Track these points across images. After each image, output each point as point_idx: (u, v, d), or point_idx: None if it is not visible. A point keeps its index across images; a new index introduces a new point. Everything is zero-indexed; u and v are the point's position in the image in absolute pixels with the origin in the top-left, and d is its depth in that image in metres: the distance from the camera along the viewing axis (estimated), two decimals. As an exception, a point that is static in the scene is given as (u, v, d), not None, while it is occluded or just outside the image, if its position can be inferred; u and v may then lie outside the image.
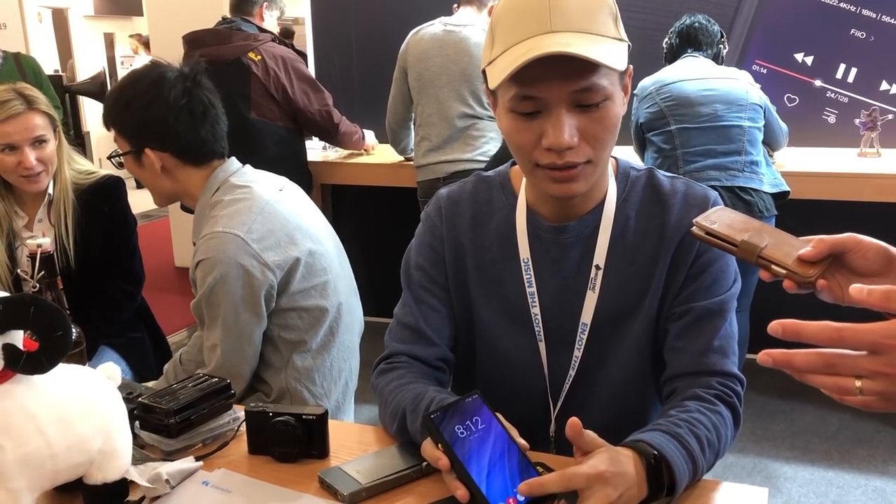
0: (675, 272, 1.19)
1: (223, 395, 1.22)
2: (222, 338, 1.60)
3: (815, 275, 0.89)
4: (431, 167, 3.25)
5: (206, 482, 1.08)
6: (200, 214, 1.67)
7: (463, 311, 1.29)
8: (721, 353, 1.16)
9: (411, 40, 3.26)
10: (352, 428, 1.29)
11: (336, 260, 1.76)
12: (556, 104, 1.04)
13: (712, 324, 1.17)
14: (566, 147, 1.05)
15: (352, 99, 4.25)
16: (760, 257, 0.91)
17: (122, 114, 1.63)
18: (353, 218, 4.32)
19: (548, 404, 1.25)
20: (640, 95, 2.96)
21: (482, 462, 0.94)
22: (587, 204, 1.20)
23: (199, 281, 1.60)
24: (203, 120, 1.65)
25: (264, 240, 1.59)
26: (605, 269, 1.19)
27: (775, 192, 2.76)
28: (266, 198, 1.65)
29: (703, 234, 0.96)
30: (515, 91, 1.06)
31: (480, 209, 1.27)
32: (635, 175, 1.24)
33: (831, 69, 3.46)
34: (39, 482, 0.95)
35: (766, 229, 0.95)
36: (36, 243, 1.15)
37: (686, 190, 1.21)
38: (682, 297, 1.19)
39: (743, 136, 2.75)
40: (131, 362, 2.23)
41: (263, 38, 3.31)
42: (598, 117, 1.06)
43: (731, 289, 1.20)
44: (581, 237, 1.20)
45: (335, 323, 1.72)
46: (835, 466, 2.81)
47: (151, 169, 1.65)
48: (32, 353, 0.91)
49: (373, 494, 1.04)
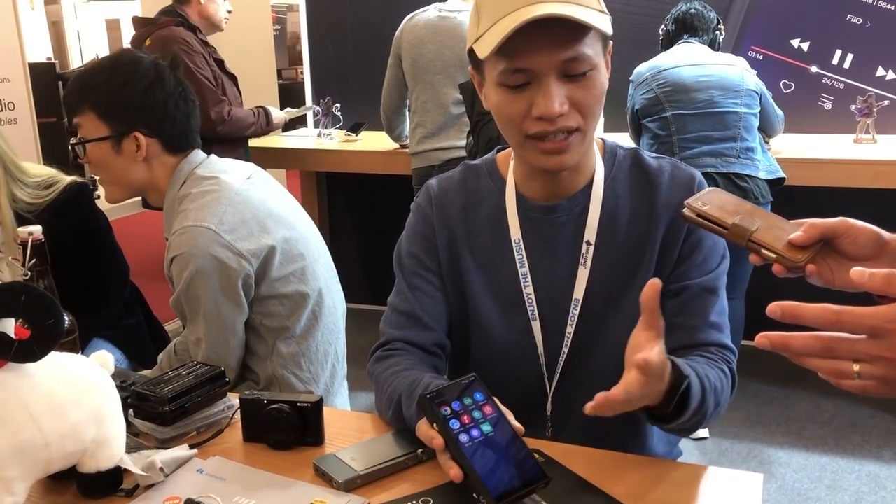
0: (667, 250, 1.20)
1: (217, 383, 1.22)
2: (205, 331, 1.59)
3: (805, 259, 0.89)
4: (426, 154, 3.24)
5: (201, 470, 1.08)
6: (169, 209, 1.65)
7: (457, 298, 1.29)
8: (718, 328, 1.20)
9: (405, 27, 3.24)
10: (348, 415, 1.29)
11: (313, 244, 1.75)
12: (545, 74, 1.07)
13: (707, 300, 1.20)
14: (556, 115, 1.07)
15: (347, 86, 4.23)
16: (751, 241, 0.91)
17: (117, 93, 1.59)
18: (348, 206, 4.31)
19: (544, 384, 1.25)
20: (635, 81, 2.95)
21: (477, 443, 0.95)
22: (576, 182, 1.21)
23: (175, 277, 1.58)
24: (193, 109, 1.66)
25: (237, 230, 1.57)
26: (596, 245, 1.21)
27: (771, 178, 2.76)
28: (235, 187, 1.63)
29: (693, 216, 0.96)
30: (504, 65, 1.08)
31: (469, 197, 1.28)
32: (622, 154, 1.26)
33: (827, 55, 3.45)
34: (33, 471, 0.94)
35: (757, 212, 0.94)
36: (27, 231, 1.14)
37: (672, 170, 1.23)
38: (675, 275, 1.20)
39: (739, 123, 2.74)
40: (127, 351, 2.21)
41: (164, 21, 3.33)
42: (586, 85, 1.09)
43: (722, 264, 1.23)
44: (572, 215, 1.21)
45: (317, 307, 1.71)
46: (829, 452, 2.82)
47: (130, 156, 1.61)
48: (24, 341, 0.91)
49: (368, 481, 1.04)
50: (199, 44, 3.33)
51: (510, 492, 0.91)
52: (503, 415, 0.99)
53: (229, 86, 3.46)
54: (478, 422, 0.97)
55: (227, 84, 3.46)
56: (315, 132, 3.98)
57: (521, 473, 0.94)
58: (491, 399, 1.00)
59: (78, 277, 1.97)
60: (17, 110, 3.56)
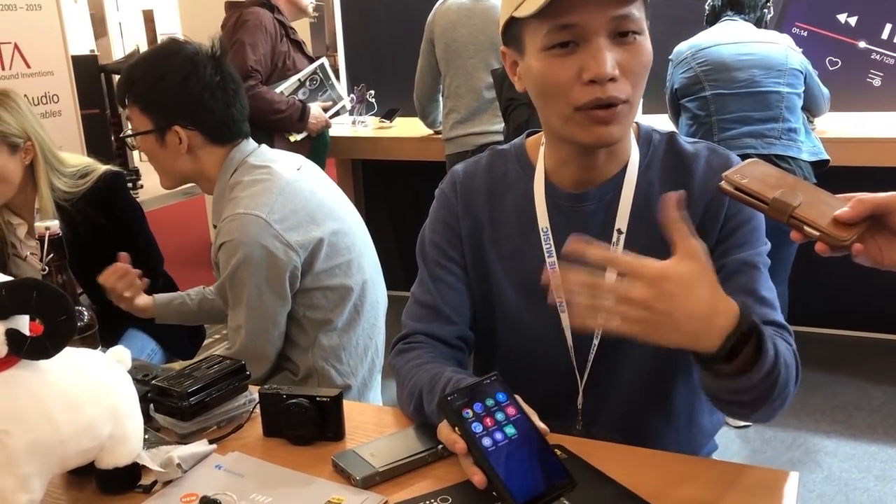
0: (704, 238, 1.13)
1: (238, 377, 1.20)
2: (246, 319, 1.59)
3: (851, 238, 0.83)
4: (460, 140, 3.20)
5: (219, 466, 1.07)
6: (220, 196, 1.65)
7: (481, 288, 1.25)
8: (769, 305, 1.11)
9: (438, 11, 3.21)
10: (369, 409, 1.27)
11: (359, 237, 1.74)
12: (595, 33, 1.01)
13: (750, 274, 1.12)
14: (609, 77, 1.01)
15: (380, 72, 4.21)
16: (792, 217, 0.85)
17: (152, 88, 1.59)
18: (383, 193, 4.30)
19: (574, 377, 1.21)
20: (675, 60, 2.87)
21: (501, 447, 0.91)
22: (610, 169, 1.16)
23: (222, 263, 1.58)
24: (235, 98, 1.63)
25: (286, 220, 1.56)
26: (628, 233, 1.15)
27: (814, 160, 2.67)
28: (286, 177, 1.62)
29: (732, 189, 0.90)
30: (550, 25, 1.02)
31: (496, 183, 1.24)
32: (658, 139, 1.20)
33: (876, 29, 3.32)
34: (49, 468, 0.94)
35: (800, 186, 0.89)
36: (44, 225, 1.14)
37: (709, 154, 1.17)
38: (713, 258, 1.13)
39: (781, 103, 2.65)
40: (161, 342, 2.23)
41: (248, 3, 3.29)
42: (635, 50, 1.03)
43: (763, 247, 1.15)
44: (602, 203, 1.16)
45: (360, 301, 1.70)
46: (878, 441, 2.73)
47: (174, 149, 1.63)
48: (37, 338, 0.90)
49: (387, 478, 1.02)
50: (273, 23, 3.28)
51: (536, 498, 0.88)
52: (526, 415, 0.95)
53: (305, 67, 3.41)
54: (501, 424, 0.93)
55: (303, 66, 3.41)
56: (350, 120, 3.96)
57: (546, 478, 0.90)
58: (514, 399, 0.96)
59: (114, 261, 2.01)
60: (60, 102, 3.62)
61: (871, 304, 3.49)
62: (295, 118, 3.30)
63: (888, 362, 3.31)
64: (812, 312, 3.56)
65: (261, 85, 3.22)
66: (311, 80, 3.45)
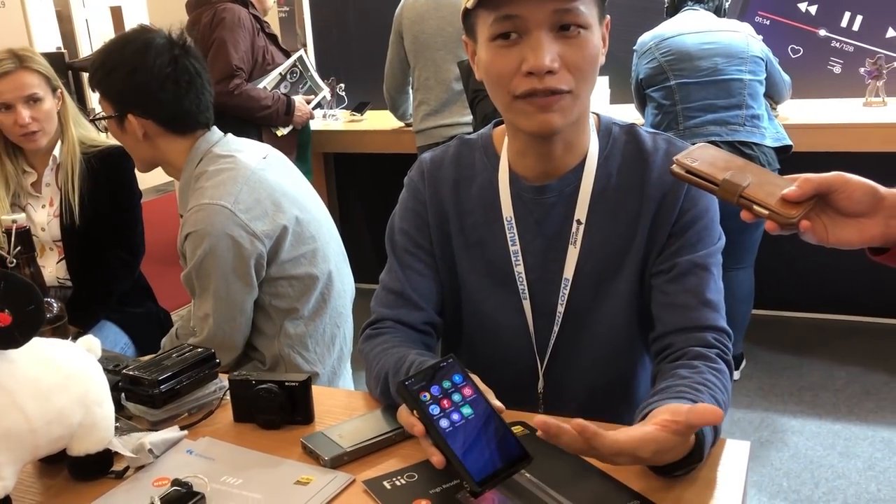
0: (658, 229, 1.17)
1: (207, 365, 1.22)
2: (214, 308, 1.61)
3: (798, 216, 0.86)
4: (430, 132, 3.22)
5: (191, 451, 1.09)
6: (185, 186, 1.66)
7: (448, 275, 1.28)
8: (713, 307, 1.15)
9: (406, 3, 3.22)
10: (338, 393, 1.29)
11: (324, 227, 1.76)
12: (536, 26, 1.04)
13: (699, 277, 1.16)
14: (546, 70, 1.03)
15: (350, 66, 4.22)
16: (742, 196, 0.88)
17: (105, 78, 1.62)
18: (355, 186, 4.31)
19: (535, 363, 1.25)
20: (639, 51, 2.91)
21: (458, 427, 0.94)
22: (568, 161, 1.19)
23: (188, 253, 1.59)
24: (188, 89, 1.63)
25: (252, 210, 1.58)
26: (587, 224, 1.18)
27: (777, 146, 2.72)
28: (251, 166, 1.64)
29: (683, 172, 0.92)
30: (494, 16, 1.05)
31: (462, 172, 1.26)
32: (617, 131, 1.22)
33: (836, 18, 3.38)
34: (20, 456, 0.95)
35: (749, 168, 0.92)
36: (11, 219, 1.15)
37: (668, 147, 1.19)
38: (666, 255, 1.17)
39: (744, 90, 2.70)
40: (133, 337, 2.24)
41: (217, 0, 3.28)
42: (578, 45, 1.05)
43: (716, 245, 1.19)
44: (563, 195, 1.19)
45: (326, 290, 1.72)
46: (842, 419, 2.80)
47: (133, 135, 1.65)
48: (5, 328, 0.91)
49: (354, 458, 1.05)
50: (249, 18, 3.28)
51: (493, 475, 0.90)
52: (483, 395, 0.98)
53: (281, 61, 3.42)
54: (457, 405, 0.95)
55: (280, 59, 3.42)
56: (320, 113, 3.96)
57: (503, 454, 0.92)
58: (470, 380, 0.98)
59: (100, 233, 2.17)
60: (27, 100, 3.58)
61: (836, 287, 3.56)
62: (282, 112, 3.33)
63: (851, 344, 3.39)
64: (778, 296, 3.63)
65: (245, 83, 3.24)
66: (291, 73, 3.47)
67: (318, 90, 3.58)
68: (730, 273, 2.92)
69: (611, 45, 1.15)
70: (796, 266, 3.51)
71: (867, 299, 3.52)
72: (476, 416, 0.95)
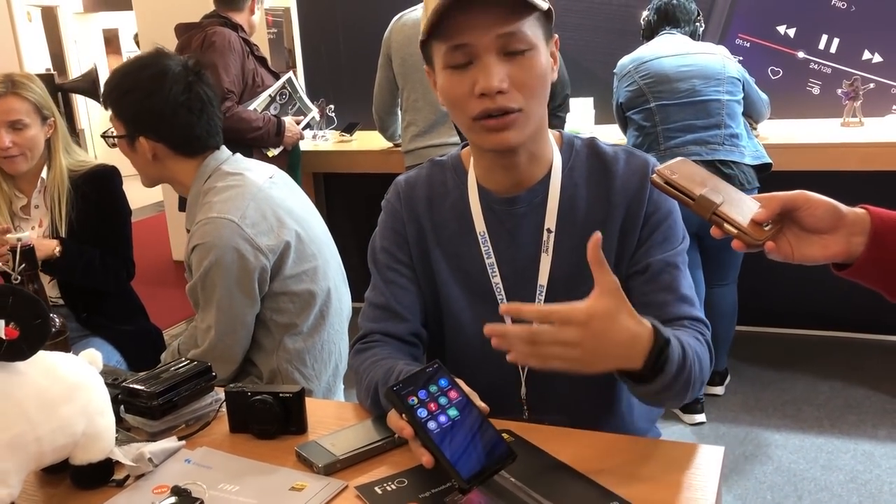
0: (627, 236, 1.25)
1: (204, 378, 1.26)
2: (216, 319, 1.65)
3: (766, 238, 0.93)
4: (419, 152, 3.27)
5: (189, 460, 1.13)
6: (194, 201, 1.72)
7: (429, 289, 1.34)
8: (688, 302, 1.23)
9: (394, 26, 3.28)
10: (330, 405, 1.34)
11: (326, 246, 1.81)
12: (485, 52, 1.11)
13: (672, 274, 1.23)
14: (496, 91, 1.11)
15: (339, 87, 4.28)
16: (715, 213, 0.94)
17: (120, 100, 1.68)
18: (346, 206, 4.36)
19: (517, 369, 1.30)
20: (619, 74, 2.98)
21: (445, 428, 0.99)
22: (534, 173, 1.26)
23: (194, 265, 1.64)
24: (200, 116, 1.69)
25: (258, 225, 1.63)
26: (557, 232, 1.25)
27: (757, 164, 2.79)
28: (258, 184, 1.70)
29: (662, 182, 0.98)
30: (445, 46, 1.13)
31: (435, 191, 1.33)
32: (579, 144, 1.31)
33: (814, 40, 3.48)
34: (26, 463, 0.99)
35: (722, 187, 0.98)
36: (16, 237, 1.19)
37: (627, 157, 1.28)
38: (637, 256, 1.25)
39: (722, 110, 2.77)
40: (125, 354, 2.27)
41: (208, 24, 3.33)
42: (526, 65, 1.13)
43: (681, 244, 1.26)
44: (532, 205, 1.26)
45: (325, 307, 1.77)
46: (825, 432, 2.85)
47: (143, 156, 1.70)
48: (13, 341, 0.96)
49: (347, 465, 1.09)
50: (238, 41, 3.34)
51: (480, 472, 0.96)
52: (468, 397, 1.03)
53: (271, 83, 3.47)
54: (444, 408, 1.01)
55: (270, 81, 3.47)
56: (310, 134, 4.02)
57: (488, 453, 0.98)
58: (455, 384, 1.04)
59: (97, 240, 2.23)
60: (17, 121, 3.61)
61: (818, 304, 3.63)
62: (272, 133, 3.38)
63: (834, 358, 3.45)
64: (762, 312, 3.69)
65: (237, 105, 3.29)
66: (280, 94, 3.52)
67: (306, 111, 3.64)
68: (713, 289, 2.98)
69: (593, 67, 1.22)
70: (779, 283, 3.57)
71: (849, 315, 3.59)
72: (462, 418, 1.00)
